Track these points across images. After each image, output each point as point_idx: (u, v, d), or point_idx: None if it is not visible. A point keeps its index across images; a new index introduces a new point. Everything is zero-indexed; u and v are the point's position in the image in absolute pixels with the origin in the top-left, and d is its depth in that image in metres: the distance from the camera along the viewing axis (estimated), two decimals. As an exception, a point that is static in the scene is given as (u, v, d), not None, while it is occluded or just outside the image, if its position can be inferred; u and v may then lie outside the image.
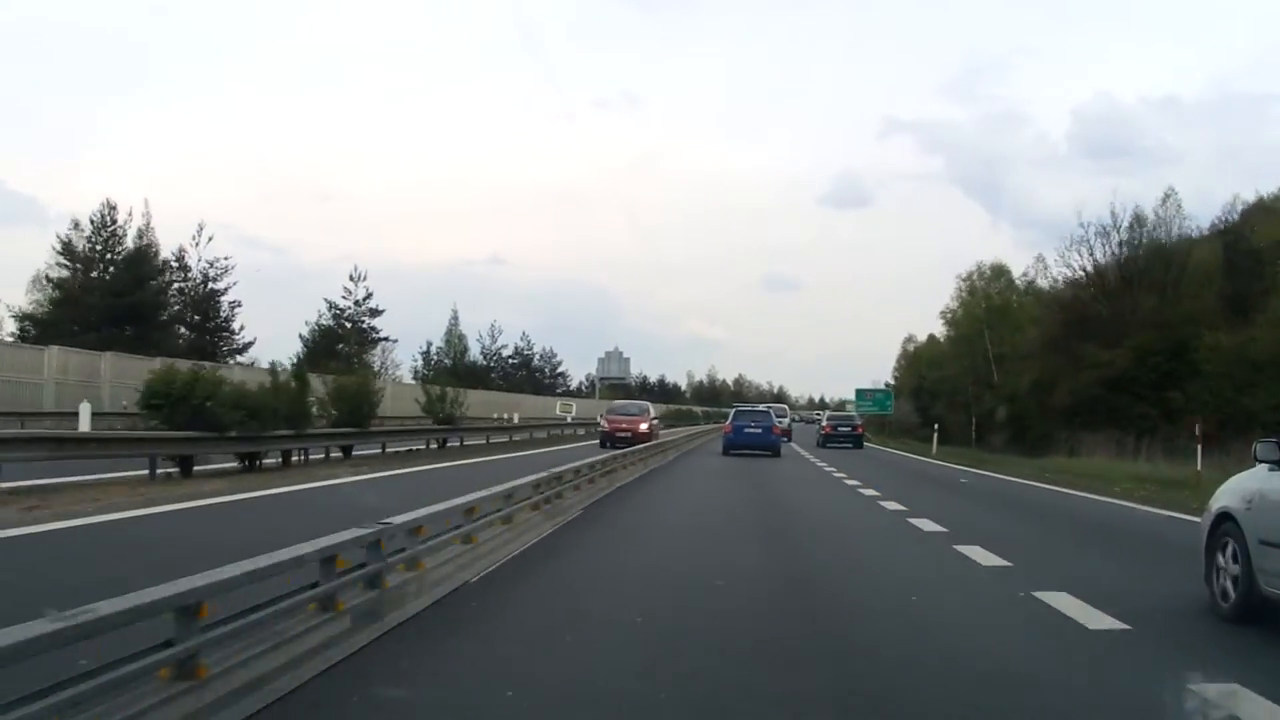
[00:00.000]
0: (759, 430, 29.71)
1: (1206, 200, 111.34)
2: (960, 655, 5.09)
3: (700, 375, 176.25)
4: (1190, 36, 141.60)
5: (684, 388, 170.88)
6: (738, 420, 30.94)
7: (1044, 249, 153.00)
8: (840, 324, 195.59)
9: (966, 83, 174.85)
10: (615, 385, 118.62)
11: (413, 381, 62.74)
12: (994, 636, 5.75)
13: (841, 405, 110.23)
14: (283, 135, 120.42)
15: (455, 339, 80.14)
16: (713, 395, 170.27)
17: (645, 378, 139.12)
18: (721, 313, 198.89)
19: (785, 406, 71.39)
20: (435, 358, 76.49)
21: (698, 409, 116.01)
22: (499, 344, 79.85)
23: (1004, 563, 8.35)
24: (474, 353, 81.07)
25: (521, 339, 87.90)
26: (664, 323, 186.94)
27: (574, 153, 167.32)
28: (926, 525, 11.18)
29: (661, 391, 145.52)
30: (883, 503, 14.45)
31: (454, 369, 77.29)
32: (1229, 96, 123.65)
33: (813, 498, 16.39)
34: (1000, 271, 56.85)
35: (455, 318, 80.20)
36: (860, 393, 61.66)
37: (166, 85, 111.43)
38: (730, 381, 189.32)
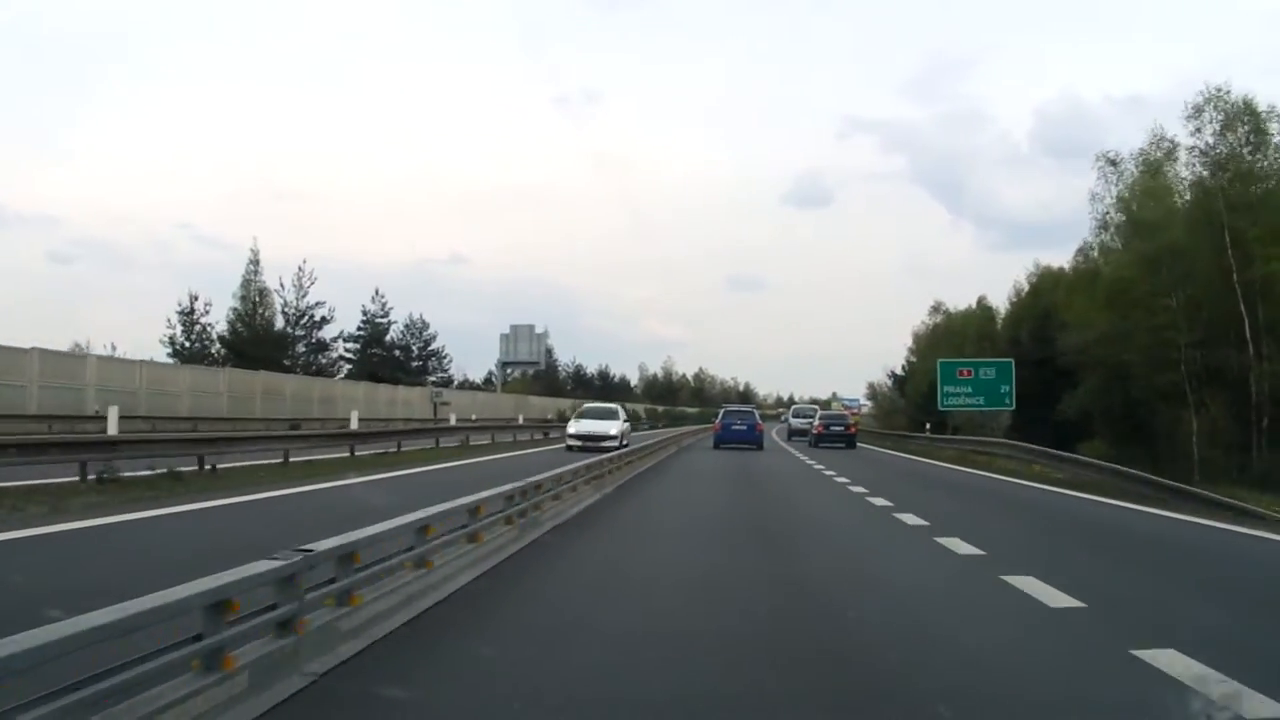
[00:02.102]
0: (744, 428, 32.65)
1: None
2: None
3: (655, 368, 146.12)
4: (1155, 35, 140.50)
5: (635, 382, 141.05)
6: (726, 419, 33.94)
7: (1009, 249, 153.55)
8: (806, 324, 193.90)
9: (929, 82, 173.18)
10: (539, 375, 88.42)
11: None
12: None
13: (829, 404, 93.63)
14: (240, 134, 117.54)
15: (253, 295, 49.17)
16: (669, 392, 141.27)
17: (579, 366, 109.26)
18: (684, 312, 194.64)
19: (815, 407, 57.22)
20: (198, 320, 45.72)
21: (641, 408, 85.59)
22: (311, 302, 48.98)
23: None
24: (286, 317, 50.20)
25: (375, 300, 57.35)
26: (626, 322, 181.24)
27: (535, 151, 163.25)
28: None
29: (604, 386, 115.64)
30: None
31: (232, 341, 46.57)
32: (1194, 96, 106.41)
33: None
34: (1248, 110, 27.42)
35: (254, 262, 49.31)
36: (947, 368, 32.31)
37: (126, 84, 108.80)
38: (690, 377, 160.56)
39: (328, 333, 49.91)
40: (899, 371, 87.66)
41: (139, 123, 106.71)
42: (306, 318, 48.04)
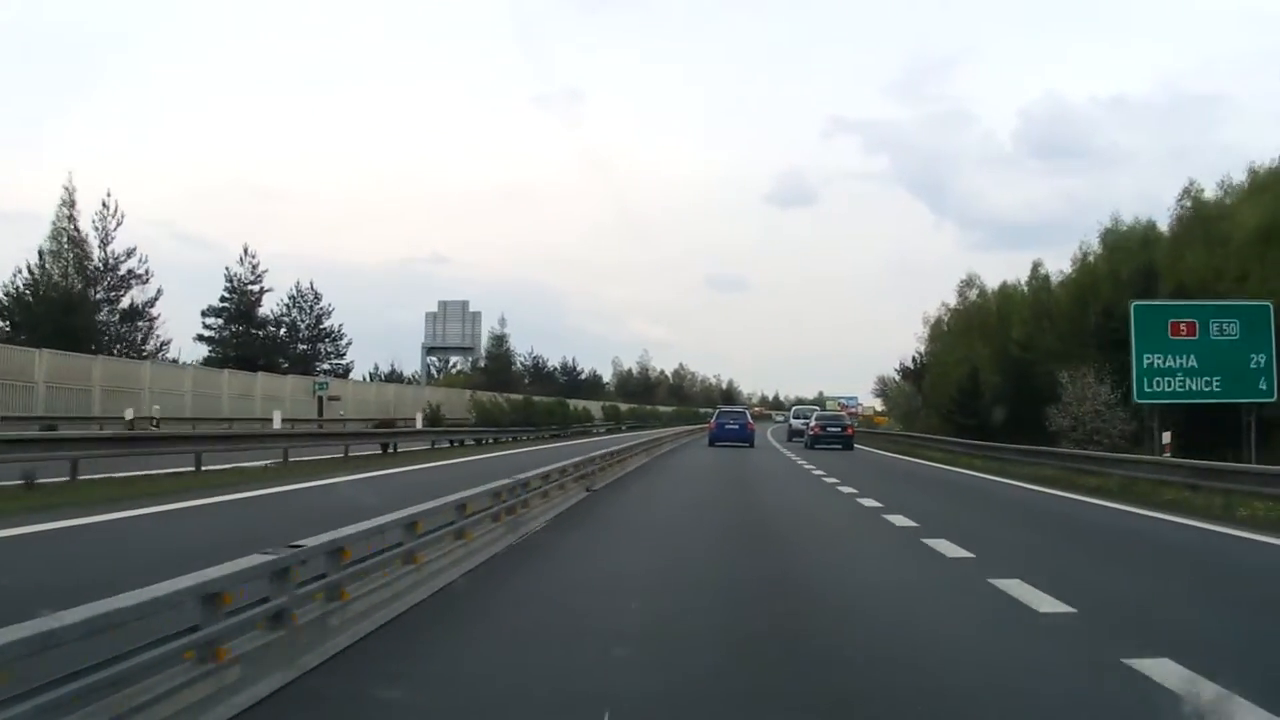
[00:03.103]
0: (737, 427, 35.27)
1: (1156, 202, 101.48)
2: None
3: (630, 363, 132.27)
4: (1140, 36, 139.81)
5: (607, 379, 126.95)
6: (720, 419, 36.91)
7: (992, 249, 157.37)
8: (791, 323, 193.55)
9: (913, 82, 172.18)
10: (490, 367, 73.90)
11: None
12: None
13: (821, 403, 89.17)
14: (222, 132, 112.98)
15: (65, 249, 34.31)
16: (645, 390, 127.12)
17: (538, 358, 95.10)
18: (669, 313, 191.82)
19: (815, 408, 56.72)
20: None
21: (595, 406, 71.08)
22: (120, 253, 33.98)
23: None
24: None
25: (244, 263, 42.67)
26: (609, 322, 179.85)
27: (519, 151, 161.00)
28: None
29: (570, 382, 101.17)
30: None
31: (9, 306, 32.00)
32: (1178, 96, 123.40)
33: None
34: None
35: (68, 203, 34.51)
36: (1148, 320, 18.19)
37: (109, 82, 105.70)
38: (669, 374, 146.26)
39: (151, 296, 34.94)
40: (911, 364, 74.60)
41: (122, 120, 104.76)
42: (112, 275, 33.16)
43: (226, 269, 42.22)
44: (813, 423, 37.20)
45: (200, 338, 41.55)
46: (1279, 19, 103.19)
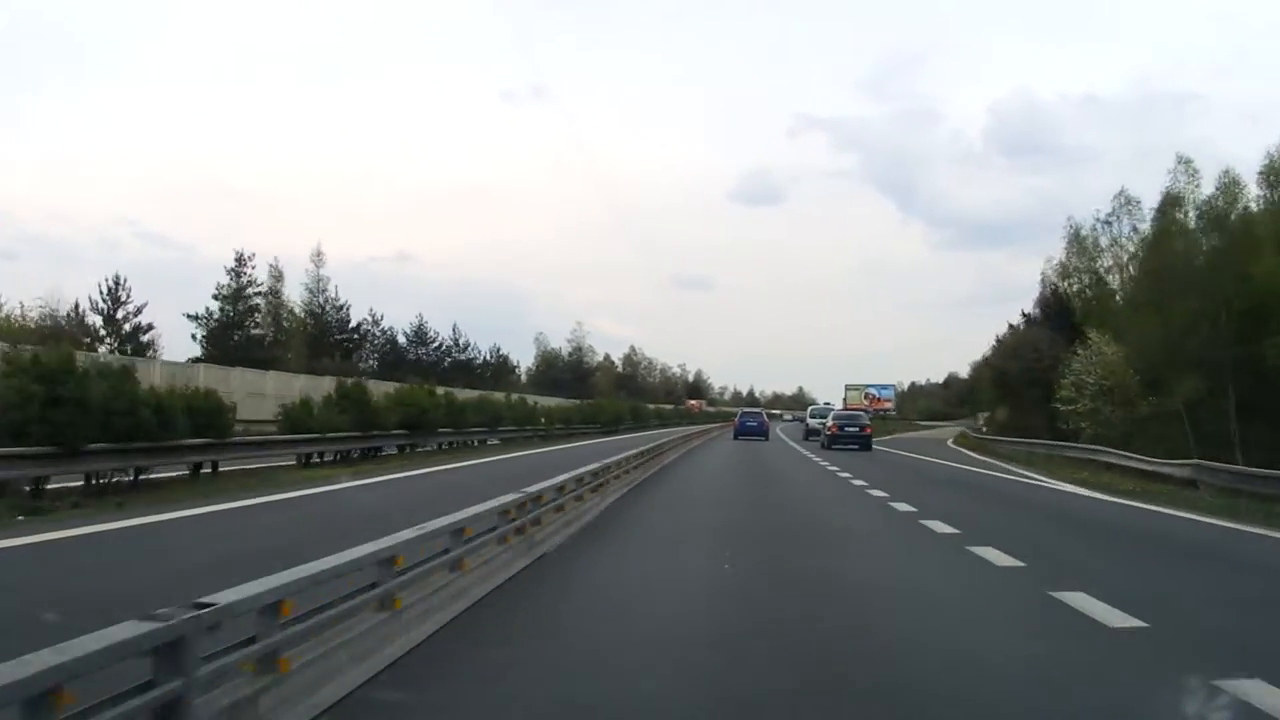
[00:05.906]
0: (755, 424, 45.54)
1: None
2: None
3: (560, 342, 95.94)
4: (1111, 34, 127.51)
5: (526, 365, 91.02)
6: (742, 419, 47.62)
7: (961, 248, 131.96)
8: (759, 321, 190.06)
9: (882, 79, 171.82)
10: (222, 317, 37.92)
11: None
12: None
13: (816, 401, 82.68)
14: (187, 131, 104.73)
15: None
16: (579, 380, 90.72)
17: (363, 320, 58.55)
18: (632, 312, 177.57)
19: (831, 406, 62.85)
20: None
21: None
22: None
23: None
24: None
25: None
26: (574, 321, 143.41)
27: (484, 149, 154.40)
28: None
29: (418, 363, 64.07)
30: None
31: None
32: (1149, 95, 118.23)
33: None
34: None
35: None
36: None
37: (72, 80, 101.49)
38: (617, 360, 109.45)
39: None
40: (1043, 307, 40.28)
41: (85, 119, 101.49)
42: None
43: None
44: (829, 422, 37.57)
45: None
46: (1249, 17, 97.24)
